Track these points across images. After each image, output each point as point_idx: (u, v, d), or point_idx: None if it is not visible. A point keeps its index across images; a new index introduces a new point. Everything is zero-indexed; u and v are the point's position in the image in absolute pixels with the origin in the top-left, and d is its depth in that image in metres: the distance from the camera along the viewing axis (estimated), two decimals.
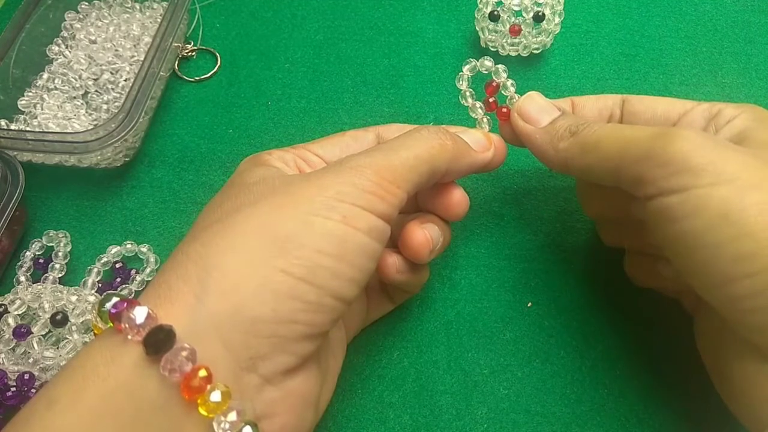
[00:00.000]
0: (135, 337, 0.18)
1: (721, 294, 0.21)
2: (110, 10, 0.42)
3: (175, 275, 0.19)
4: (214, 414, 0.18)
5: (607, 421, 0.28)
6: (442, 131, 0.25)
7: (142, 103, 0.33)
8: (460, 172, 0.26)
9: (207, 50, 0.41)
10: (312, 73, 0.40)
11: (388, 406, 0.28)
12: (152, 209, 0.35)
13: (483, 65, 0.29)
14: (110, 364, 0.18)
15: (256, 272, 0.19)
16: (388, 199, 0.22)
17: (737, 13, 0.42)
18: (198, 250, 0.20)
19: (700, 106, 0.26)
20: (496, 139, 0.28)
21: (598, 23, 0.41)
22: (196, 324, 0.18)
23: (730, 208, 0.20)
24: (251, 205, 0.21)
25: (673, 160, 0.21)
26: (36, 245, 0.33)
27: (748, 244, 0.19)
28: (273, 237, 0.20)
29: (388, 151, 0.23)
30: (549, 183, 0.34)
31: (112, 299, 0.19)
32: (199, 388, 0.17)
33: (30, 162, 0.34)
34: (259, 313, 0.19)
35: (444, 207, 0.27)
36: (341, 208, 0.21)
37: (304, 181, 0.22)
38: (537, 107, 0.27)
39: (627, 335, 0.29)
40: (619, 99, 0.28)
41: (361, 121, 0.38)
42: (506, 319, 0.30)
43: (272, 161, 0.25)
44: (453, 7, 0.43)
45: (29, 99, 0.38)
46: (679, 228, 0.21)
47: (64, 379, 0.18)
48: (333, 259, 0.20)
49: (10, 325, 0.29)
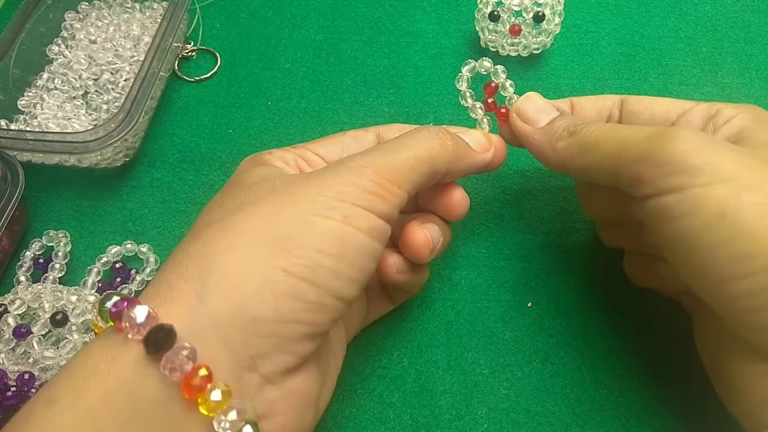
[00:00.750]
0: (135, 336, 0.18)
1: (719, 294, 0.21)
2: (110, 10, 0.42)
3: (175, 274, 0.19)
4: (215, 413, 0.18)
5: (607, 421, 0.28)
6: (443, 131, 0.25)
7: (142, 103, 0.33)
8: (461, 173, 0.26)
9: (207, 50, 0.41)
10: (312, 73, 0.40)
11: (388, 406, 0.28)
12: (152, 209, 0.35)
13: (482, 66, 0.29)
14: (111, 363, 0.18)
15: (257, 272, 0.19)
16: (389, 199, 0.22)
17: (737, 13, 0.42)
18: (199, 249, 0.20)
19: (699, 107, 0.26)
20: (496, 139, 0.28)
21: (598, 23, 0.41)
22: (197, 323, 0.18)
23: (727, 208, 0.20)
24: (252, 204, 0.21)
25: (671, 160, 0.21)
26: (36, 245, 0.33)
27: (746, 244, 0.19)
28: (274, 236, 0.20)
29: (389, 151, 0.23)
30: (549, 183, 0.34)
31: (113, 298, 0.19)
32: (199, 387, 0.17)
33: (30, 162, 0.34)
34: (260, 312, 0.19)
35: (444, 207, 0.27)
36: (342, 207, 0.21)
37: (304, 181, 0.22)
38: (535, 107, 0.27)
39: (627, 335, 0.29)
40: (618, 99, 0.28)
41: (361, 121, 0.38)
42: (506, 319, 0.30)
43: (273, 161, 0.25)
44: (453, 7, 0.43)
45: (29, 99, 0.38)
46: (676, 227, 0.21)
47: (65, 378, 0.18)
48: (334, 259, 0.20)
49: (10, 325, 0.29)
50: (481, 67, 0.29)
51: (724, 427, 0.27)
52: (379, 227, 0.22)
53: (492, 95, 0.29)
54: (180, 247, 0.21)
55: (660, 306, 0.29)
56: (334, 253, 0.20)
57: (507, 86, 0.28)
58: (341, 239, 0.20)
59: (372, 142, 0.28)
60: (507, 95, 0.29)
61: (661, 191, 0.21)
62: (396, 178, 0.22)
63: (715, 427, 0.27)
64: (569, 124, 0.26)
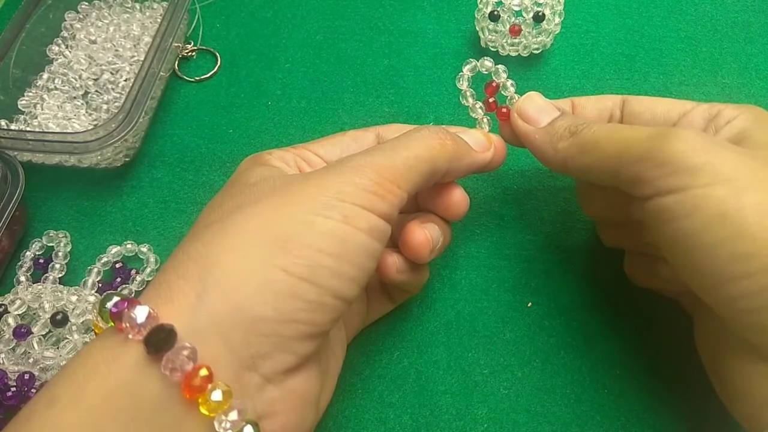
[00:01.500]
0: (136, 337, 0.18)
1: (719, 294, 0.21)
2: (110, 10, 0.42)
3: (176, 274, 0.19)
4: (215, 413, 0.18)
5: (607, 421, 0.28)
6: (443, 131, 0.25)
7: (142, 103, 0.33)
8: (461, 172, 0.26)
9: (207, 50, 0.41)
10: (312, 73, 0.40)
11: (388, 406, 0.28)
12: (152, 209, 0.35)
13: (483, 65, 0.29)
14: (111, 363, 0.18)
15: (257, 271, 0.19)
16: (389, 199, 0.22)
17: (737, 13, 0.42)
18: (199, 249, 0.20)
19: (700, 107, 0.26)
20: (496, 139, 0.28)
21: (598, 23, 0.41)
22: (197, 323, 0.18)
23: (727, 209, 0.20)
24: (252, 204, 0.21)
25: (671, 160, 0.21)
26: (36, 245, 0.33)
27: (746, 245, 0.19)
28: (274, 236, 0.20)
29: (389, 150, 0.23)
30: (549, 183, 0.34)
31: (113, 298, 0.19)
32: (200, 387, 0.17)
33: (30, 162, 0.34)
34: (260, 312, 0.19)
35: (444, 207, 0.27)
36: (342, 207, 0.21)
37: (304, 181, 0.22)
38: (536, 107, 0.27)
39: (627, 335, 0.29)
40: (619, 100, 0.28)
41: (361, 121, 0.38)
42: (506, 319, 0.30)
43: (272, 161, 0.25)
44: (453, 7, 0.43)
45: (29, 99, 0.38)
46: (676, 228, 0.21)
47: (65, 378, 0.18)
48: (334, 259, 0.20)
49: (10, 325, 0.29)
50: (482, 67, 0.29)
51: (724, 427, 0.27)
52: (379, 227, 0.22)
53: (493, 95, 0.29)
54: (180, 247, 0.21)
55: (660, 306, 0.29)
56: (334, 253, 0.20)
57: (508, 86, 0.28)
58: (341, 239, 0.20)
59: (372, 142, 0.28)
60: (508, 95, 0.29)
61: (661, 192, 0.21)
62: (396, 177, 0.22)
63: (715, 427, 0.27)
64: (570, 123, 0.26)
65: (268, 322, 0.19)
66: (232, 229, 0.20)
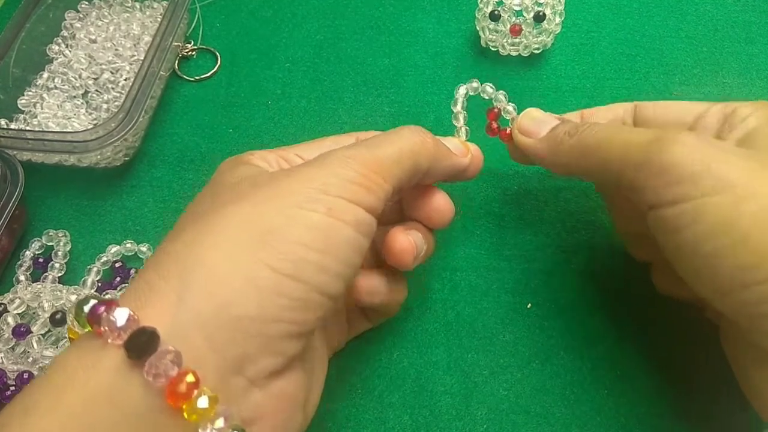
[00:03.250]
0: (116, 341, 0.17)
1: (729, 301, 0.21)
2: (110, 10, 0.42)
3: (156, 275, 0.19)
4: (201, 421, 0.17)
5: (607, 422, 0.27)
6: (423, 130, 0.25)
7: (142, 103, 0.33)
8: (440, 174, 0.25)
9: (207, 50, 0.41)
10: (312, 72, 0.40)
11: (388, 406, 0.28)
12: (152, 209, 0.35)
13: (484, 91, 0.29)
14: (89, 369, 0.17)
15: (241, 267, 0.19)
16: (375, 191, 0.21)
17: (737, 13, 0.41)
18: (179, 248, 0.19)
19: (715, 107, 0.25)
20: (473, 147, 0.28)
21: (598, 23, 0.41)
22: (180, 324, 0.18)
23: (727, 218, 0.20)
24: (234, 202, 0.21)
25: (669, 169, 0.21)
26: (36, 244, 0.33)
27: (748, 255, 0.19)
28: (257, 231, 0.19)
29: (373, 145, 0.23)
30: (549, 184, 0.34)
31: (90, 301, 0.18)
32: (185, 394, 0.16)
33: (30, 161, 0.34)
34: (245, 310, 0.18)
35: (428, 213, 0.26)
36: (326, 200, 0.20)
37: (288, 175, 0.21)
38: (535, 120, 0.27)
39: (627, 336, 0.29)
40: (631, 106, 0.28)
41: (361, 120, 0.38)
42: (506, 320, 0.30)
43: (254, 160, 0.25)
44: (453, 6, 0.43)
45: (29, 98, 0.38)
46: (679, 238, 0.21)
47: (41, 386, 0.17)
48: (318, 253, 0.19)
49: (10, 324, 0.29)
50: (483, 93, 0.29)
51: (724, 427, 0.27)
52: (366, 220, 0.21)
53: (495, 119, 0.29)
54: (160, 247, 0.20)
55: (660, 307, 0.29)
56: (318, 248, 0.19)
57: (510, 109, 0.29)
58: (326, 233, 0.20)
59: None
60: (510, 117, 0.29)
61: (662, 201, 0.21)
62: (381, 170, 0.22)
63: (715, 427, 0.27)
64: (570, 127, 0.25)
65: (254, 321, 0.18)
66: (214, 227, 0.20)
